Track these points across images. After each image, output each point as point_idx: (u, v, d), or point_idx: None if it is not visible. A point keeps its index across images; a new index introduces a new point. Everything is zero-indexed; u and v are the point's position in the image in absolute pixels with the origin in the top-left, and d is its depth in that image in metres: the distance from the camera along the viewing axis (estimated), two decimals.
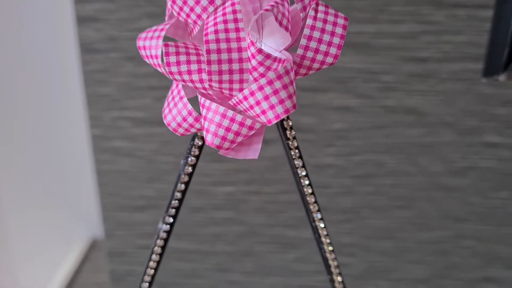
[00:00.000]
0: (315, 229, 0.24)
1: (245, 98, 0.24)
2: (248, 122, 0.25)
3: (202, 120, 0.25)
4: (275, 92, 0.24)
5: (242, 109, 0.25)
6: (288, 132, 0.27)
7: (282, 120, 0.27)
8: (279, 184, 0.50)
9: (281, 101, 0.24)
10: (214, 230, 0.53)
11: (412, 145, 0.48)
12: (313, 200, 0.26)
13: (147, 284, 0.26)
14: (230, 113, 0.25)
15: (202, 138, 0.26)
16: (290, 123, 0.28)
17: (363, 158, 0.49)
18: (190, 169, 0.27)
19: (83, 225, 0.68)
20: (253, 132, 0.25)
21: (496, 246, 0.53)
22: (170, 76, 0.25)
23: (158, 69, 0.27)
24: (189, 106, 0.25)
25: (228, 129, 0.25)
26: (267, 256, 0.54)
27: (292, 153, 0.27)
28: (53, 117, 0.63)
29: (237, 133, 0.25)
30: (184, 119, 0.25)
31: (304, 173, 0.27)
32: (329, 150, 0.49)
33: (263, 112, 0.24)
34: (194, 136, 0.27)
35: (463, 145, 0.49)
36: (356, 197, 0.51)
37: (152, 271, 0.25)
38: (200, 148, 0.27)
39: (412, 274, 0.54)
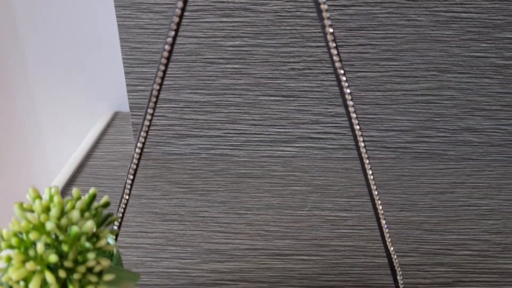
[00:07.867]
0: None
1: None
2: None
3: None
4: None
5: None
6: None
7: None
8: (282, 37, 0.57)
9: None
10: (224, 82, 0.59)
11: None
12: None
13: (160, 76, 0.30)
14: None
15: None
16: None
17: (356, 10, 0.55)
18: None
19: (108, 99, 0.75)
20: None
21: (477, 97, 0.59)
22: None
23: None
24: None
25: None
26: (271, 106, 0.60)
27: None
28: None
29: None
30: None
31: None
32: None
33: None
34: None
35: None
36: (349, 48, 0.57)
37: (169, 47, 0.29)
38: None
39: (399, 124, 0.61)
